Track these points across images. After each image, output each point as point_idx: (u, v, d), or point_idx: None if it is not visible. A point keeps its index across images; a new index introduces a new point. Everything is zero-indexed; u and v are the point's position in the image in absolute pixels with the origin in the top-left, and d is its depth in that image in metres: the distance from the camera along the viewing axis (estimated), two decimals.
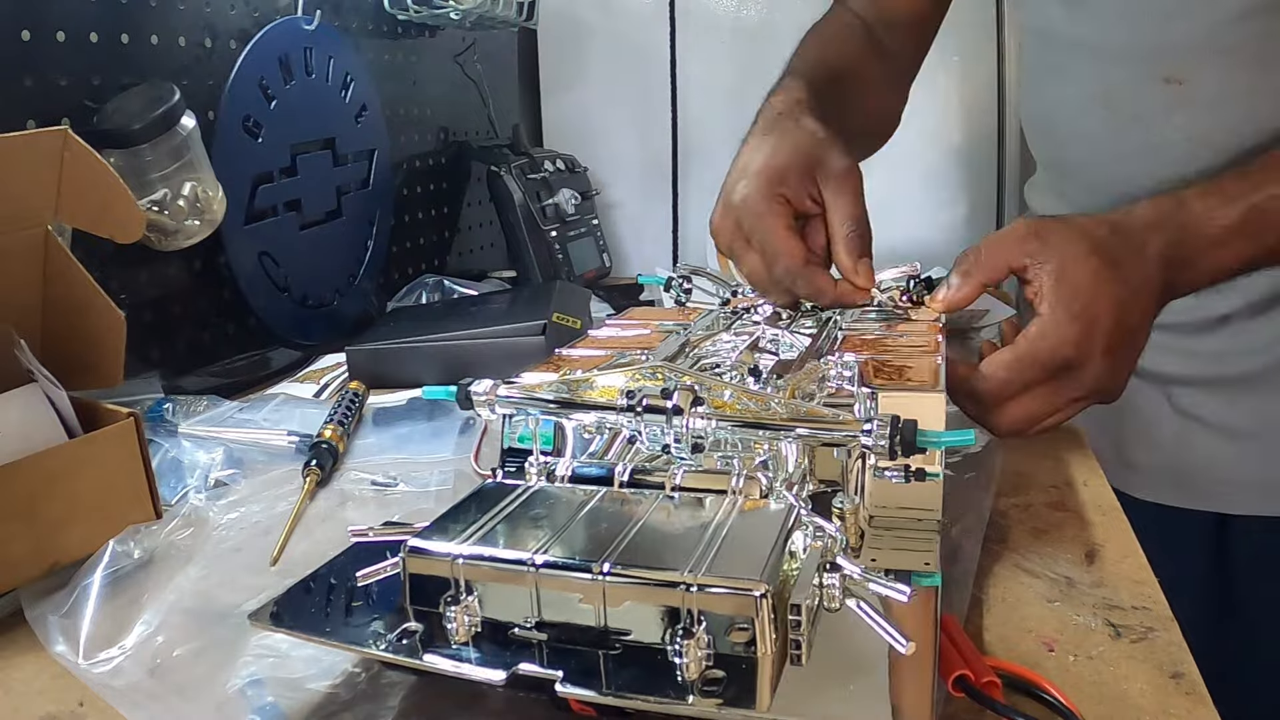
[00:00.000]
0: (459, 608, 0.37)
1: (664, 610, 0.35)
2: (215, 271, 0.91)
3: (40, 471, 0.53)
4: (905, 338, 0.59)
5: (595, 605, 0.36)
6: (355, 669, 0.43)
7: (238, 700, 0.42)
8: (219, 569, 0.55)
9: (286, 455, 0.72)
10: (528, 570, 0.37)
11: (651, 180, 1.49)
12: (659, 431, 0.44)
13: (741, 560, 0.35)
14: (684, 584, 0.34)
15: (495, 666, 0.35)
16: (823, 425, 0.42)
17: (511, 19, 1.25)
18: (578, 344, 0.61)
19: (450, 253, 1.37)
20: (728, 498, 0.42)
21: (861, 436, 0.41)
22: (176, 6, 0.85)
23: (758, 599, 0.33)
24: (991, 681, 0.38)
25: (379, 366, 0.89)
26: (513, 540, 0.39)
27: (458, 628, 0.37)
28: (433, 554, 0.38)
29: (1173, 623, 0.45)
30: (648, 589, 0.35)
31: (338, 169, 1.05)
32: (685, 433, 0.44)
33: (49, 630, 0.47)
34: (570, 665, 0.35)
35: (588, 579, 0.36)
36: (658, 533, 0.39)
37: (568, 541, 0.38)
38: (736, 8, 1.42)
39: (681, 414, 0.43)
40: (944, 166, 1.40)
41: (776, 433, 0.43)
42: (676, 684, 0.34)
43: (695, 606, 0.34)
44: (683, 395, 0.44)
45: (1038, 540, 0.54)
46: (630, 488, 0.44)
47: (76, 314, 0.61)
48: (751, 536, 0.37)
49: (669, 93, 1.46)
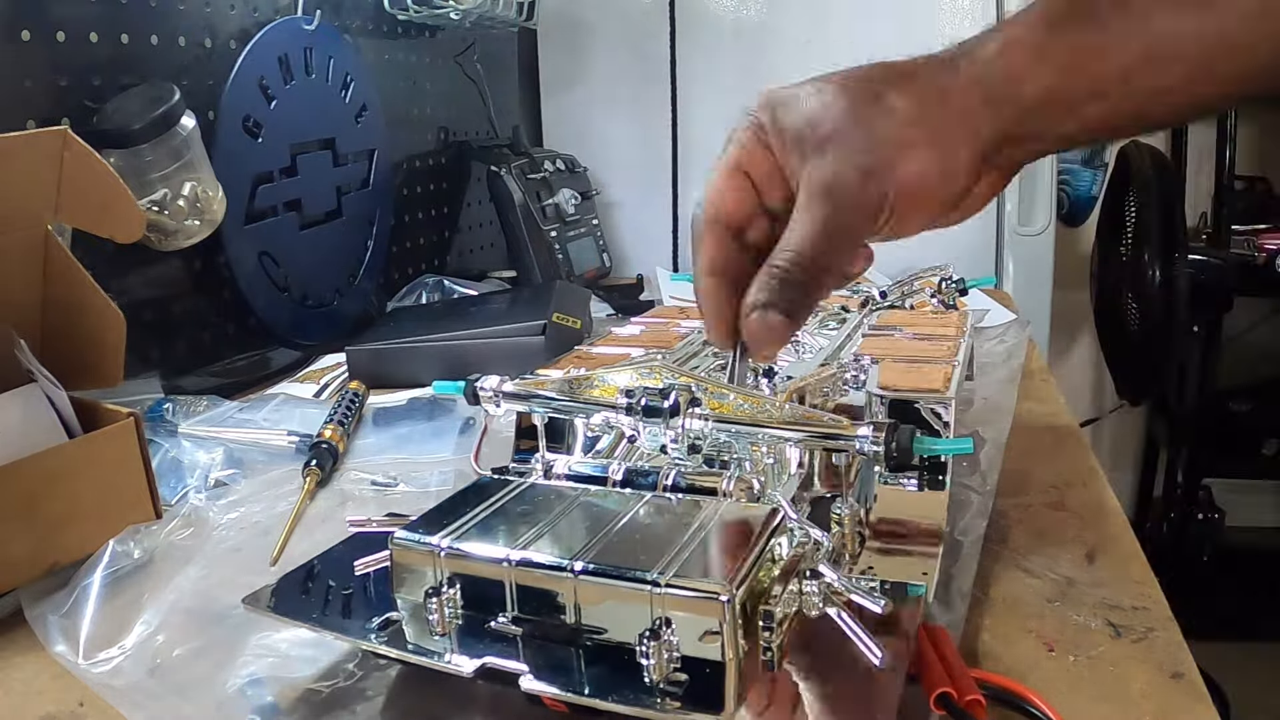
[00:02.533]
0: (440, 600, 0.37)
1: (636, 611, 0.35)
2: (215, 271, 0.91)
3: (40, 471, 0.53)
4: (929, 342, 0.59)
5: (569, 603, 0.36)
6: (356, 669, 0.43)
7: (238, 700, 0.42)
8: (219, 569, 0.55)
9: (286, 455, 0.72)
10: (504, 565, 0.37)
11: (651, 180, 1.49)
12: (658, 430, 0.44)
13: (715, 564, 0.35)
14: (652, 585, 0.34)
15: (468, 658, 0.36)
16: (819, 429, 0.42)
17: (511, 19, 1.25)
18: (598, 342, 0.61)
19: (450, 253, 1.37)
20: (717, 499, 0.42)
21: (858, 442, 0.41)
22: (176, 6, 0.85)
23: (724, 604, 0.33)
24: (975, 700, 0.37)
25: (379, 366, 0.89)
26: (496, 535, 0.39)
27: (439, 619, 0.37)
28: (415, 546, 0.39)
29: (1172, 623, 0.45)
30: (617, 589, 0.35)
31: (338, 169, 1.05)
32: (682, 433, 0.44)
33: (49, 630, 0.47)
34: (543, 661, 0.36)
35: (561, 577, 0.36)
36: (638, 533, 0.39)
37: (549, 538, 0.38)
38: (736, 8, 1.42)
39: (678, 414, 0.43)
40: None
41: (772, 435, 0.43)
42: (643, 685, 0.34)
43: (663, 609, 0.34)
44: (680, 396, 0.44)
45: (1038, 540, 0.54)
46: (625, 487, 0.44)
47: (76, 314, 0.61)
48: (730, 540, 0.37)
49: (669, 93, 1.45)
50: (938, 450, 0.43)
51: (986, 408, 0.72)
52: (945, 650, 0.39)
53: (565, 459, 0.47)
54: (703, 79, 1.45)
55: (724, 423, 0.44)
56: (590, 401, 0.46)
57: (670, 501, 0.42)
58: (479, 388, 0.49)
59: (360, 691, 0.42)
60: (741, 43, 1.42)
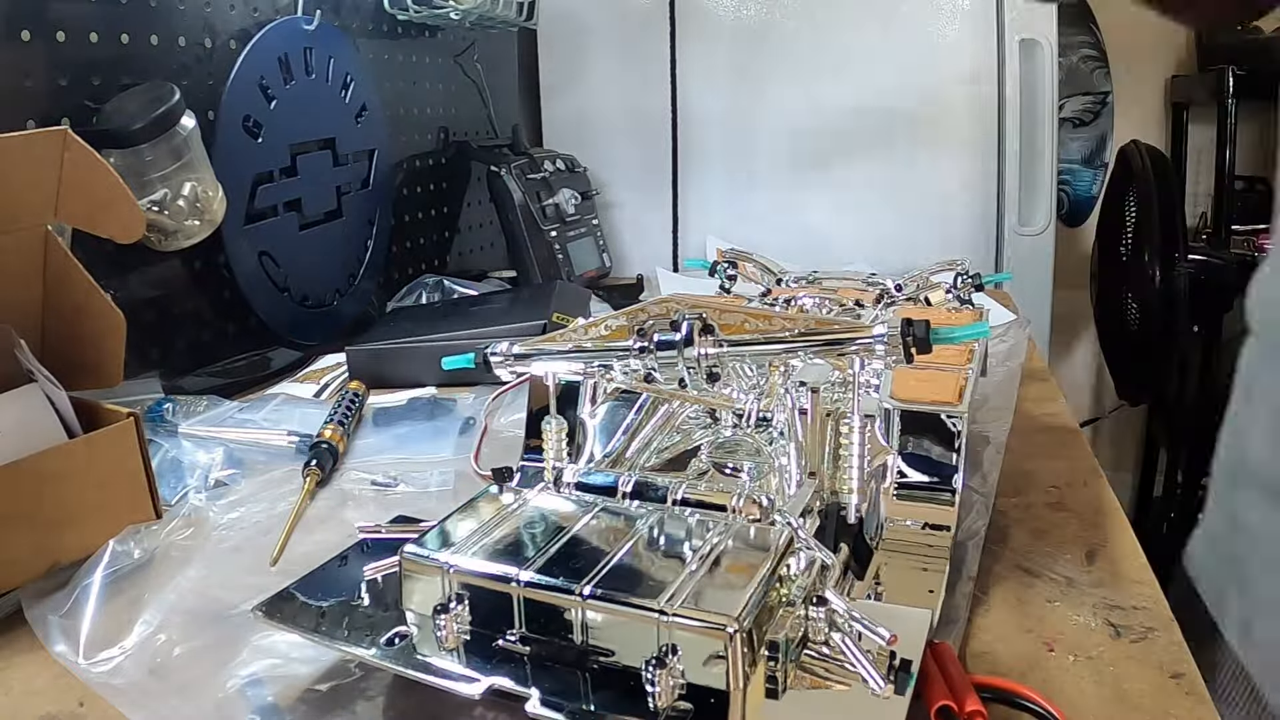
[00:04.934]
0: (448, 616, 0.37)
1: (643, 634, 0.35)
2: (215, 271, 0.91)
3: (40, 471, 0.52)
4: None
5: (576, 624, 0.36)
6: (356, 669, 0.43)
7: (238, 700, 0.42)
8: (219, 569, 0.55)
9: (286, 455, 0.72)
10: (512, 585, 0.37)
11: (651, 180, 1.49)
12: (675, 361, 0.43)
13: (723, 593, 0.35)
14: (659, 613, 0.34)
15: (475, 678, 0.36)
16: (834, 335, 0.41)
17: (511, 19, 1.25)
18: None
19: (450, 253, 1.37)
20: (727, 516, 0.41)
21: (875, 339, 0.40)
22: (176, 6, 0.85)
23: (730, 635, 0.33)
24: (976, 712, 0.37)
25: (379, 366, 0.89)
26: (505, 552, 0.39)
27: (447, 635, 0.37)
28: (425, 561, 0.39)
29: (1173, 623, 0.45)
30: (624, 614, 0.35)
31: (338, 169, 1.05)
32: (699, 361, 0.43)
33: (50, 630, 0.47)
34: (549, 682, 0.35)
35: (568, 599, 0.36)
36: (647, 554, 0.39)
37: (558, 557, 0.38)
38: (736, 8, 1.42)
39: (692, 344, 0.43)
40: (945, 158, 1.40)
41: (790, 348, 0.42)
42: (648, 711, 0.33)
43: (670, 636, 0.34)
44: (692, 324, 0.43)
45: (1038, 540, 0.54)
46: (634, 499, 0.43)
47: (76, 314, 0.61)
48: (739, 565, 0.37)
49: (669, 93, 1.46)
50: (955, 338, 0.41)
51: (987, 408, 0.72)
52: (947, 664, 0.39)
53: (573, 468, 0.46)
54: (703, 79, 1.45)
55: (738, 345, 0.43)
56: (602, 348, 0.46)
57: (680, 518, 0.41)
58: (489, 354, 0.50)
59: (361, 691, 0.42)
60: (741, 43, 1.42)
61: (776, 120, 1.43)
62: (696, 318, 0.44)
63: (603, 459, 0.51)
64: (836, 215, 1.43)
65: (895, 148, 1.41)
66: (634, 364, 0.46)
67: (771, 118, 1.43)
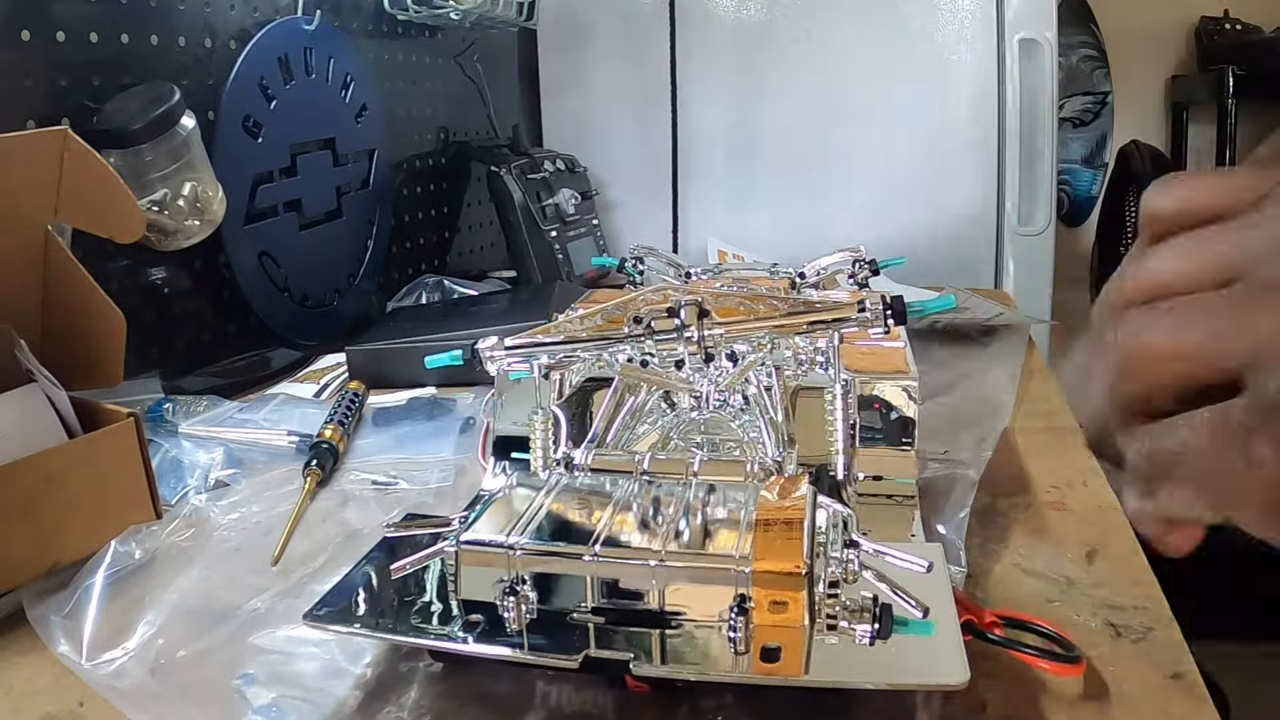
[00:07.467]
0: (516, 598, 0.38)
1: (718, 591, 0.37)
2: (215, 271, 0.91)
3: (40, 471, 0.53)
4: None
5: (653, 589, 0.38)
6: (357, 669, 0.43)
7: (240, 700, 0.42)
8: (220, 569, 0.55)
9: (287, 455, 0.72)
10: (585, 561, 0.38)
11: (651, 180, 1.49)
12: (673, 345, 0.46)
13: (780, 543, 0.38)
14: (735, 568, 0.37)
15: (561, 652, 0.38)
16: (820, 315, 0.45)
17: (511, 19, 1.25)
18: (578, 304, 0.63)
19: (450, 253, 1.37)
20: (748, 482, 0.44)
21: (859, 315, 0.44)
22: (176, 6, 0.85)
23: (802, 577, 0.36)
24: (994, 622, 0.42)
25: (379, 366, 0.89)
26: (561, 532, 0.40)
27: (515, 616, 0.38)
28: (488, 546, 0.39)
29: (1173, 623, 0.45)
30: (703, 572, 0.38)
31: (338, 169, 1.05)
32: (698, 343, 0.46)
33: (52, 631, 0.48)
34: (626, 646, 0.38)
35: (646, 565, 0.38)
36: (694, 520, 0.41)
37: (619, 530, 0.40)
38: (736, 8, 1.42)
39: (690, 329, 0.45)
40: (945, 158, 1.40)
41: (783, 328, 0.46)
42: (730, 656, 0.36)
43: (745, 587, 0.37)
44: (687, 309, 0.46)
45: (1038, 540, 0.54)
46: (647, 475, 0.45)
47: (76, 314, 0.61)
48: (777, 520, 0.40)
49: (669, 93, 1.46)
50: (926, 310, 0.46)
51: (988, 408, 0.72)
52: (955, 592, 0.42)
53: (580, 451, 0.47)
54: (703, 79, 1.45)
55: (736, 324, 0.46)
56: (597, 337, 0.48)
57: (703, 486, 0.44)
58: (478, 349, 0.50)
59: (365, 690, 0.42)
60: (741, 43, 1.42)
61: (777, 120, 1.43)
62: (694, 302, 0.46)
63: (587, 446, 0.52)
64: (837, 215, 1.43)
65: (895, 148, 1.41)
66: (628, 351, 0.48)
67: (772, 118, 1.43)
